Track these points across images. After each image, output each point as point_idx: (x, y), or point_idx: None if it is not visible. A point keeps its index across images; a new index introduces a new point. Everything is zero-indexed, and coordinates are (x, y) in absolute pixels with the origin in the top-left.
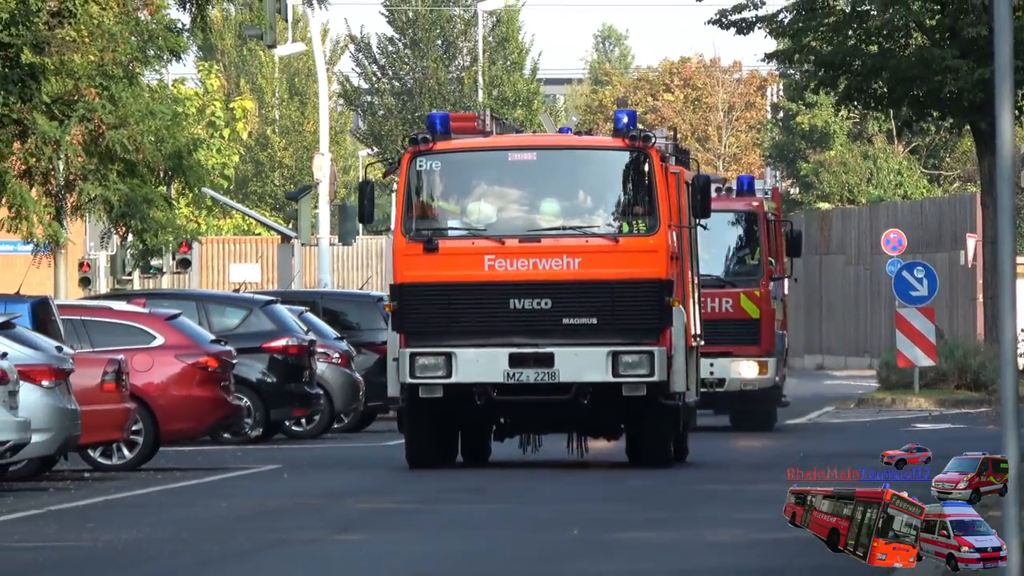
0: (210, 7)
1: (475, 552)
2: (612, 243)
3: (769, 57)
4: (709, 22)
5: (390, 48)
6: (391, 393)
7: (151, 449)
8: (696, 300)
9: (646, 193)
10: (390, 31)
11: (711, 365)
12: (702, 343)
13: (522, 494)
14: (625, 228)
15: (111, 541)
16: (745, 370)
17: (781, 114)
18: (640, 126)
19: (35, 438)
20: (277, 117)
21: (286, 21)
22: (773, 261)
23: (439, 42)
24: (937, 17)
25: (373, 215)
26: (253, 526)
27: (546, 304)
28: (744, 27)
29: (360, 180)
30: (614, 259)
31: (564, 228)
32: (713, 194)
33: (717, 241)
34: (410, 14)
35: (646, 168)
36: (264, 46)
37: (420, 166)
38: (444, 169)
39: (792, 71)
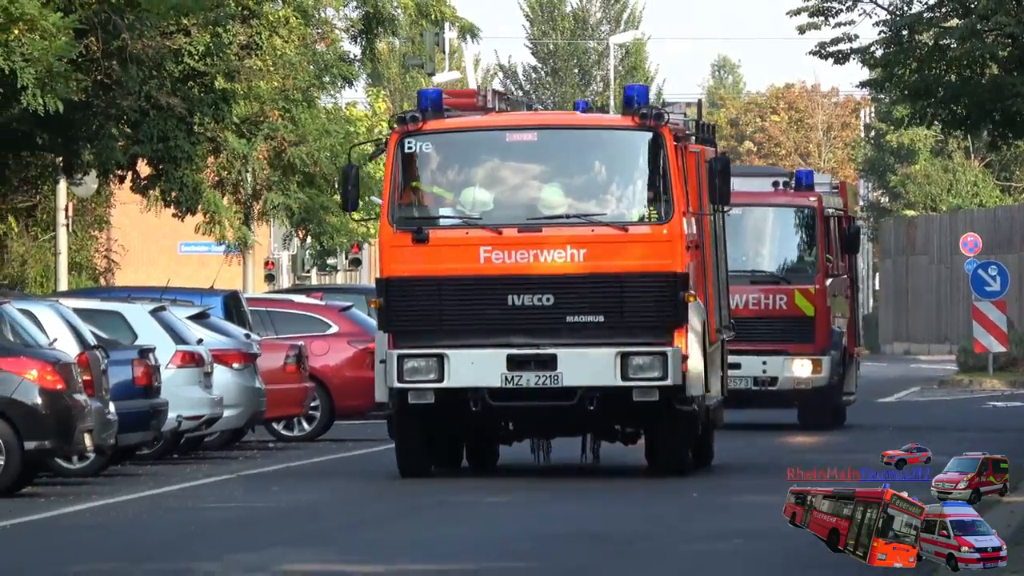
0: (378, 40)
1: (608, 513)
2: (621, 232)
3: (863, 85)
4: (810, 53)
5: (533, 75)
6: (379, 398)
7: (327, 423)
8: (722, 292)
9: (658, 177)
10: (533, 61)
11: (763, 363)
12: (731, 336)
13: (633, 469)
14: (635, 216)
15: (293, 502)
16: (798, 368)
17: (873, 133)
18: (653, 103)
19: (226, 413)
20: None
21: (443, 53)
22: (831, 258)
23: (576, 71)
24: (1009, 49)
25: (357, 202)
26: (416, 489)
27: (548, 300)
28: (840, 58)
29: (345, 164)
30: (623, 250)
31: (568, 216)
32: (770, 188)
33: (773, 236)
34: (551, 46)
35: (658, 149)
36: (424, 74)
37: (409, 148)
38: (435, 151)
39: (882, 96)
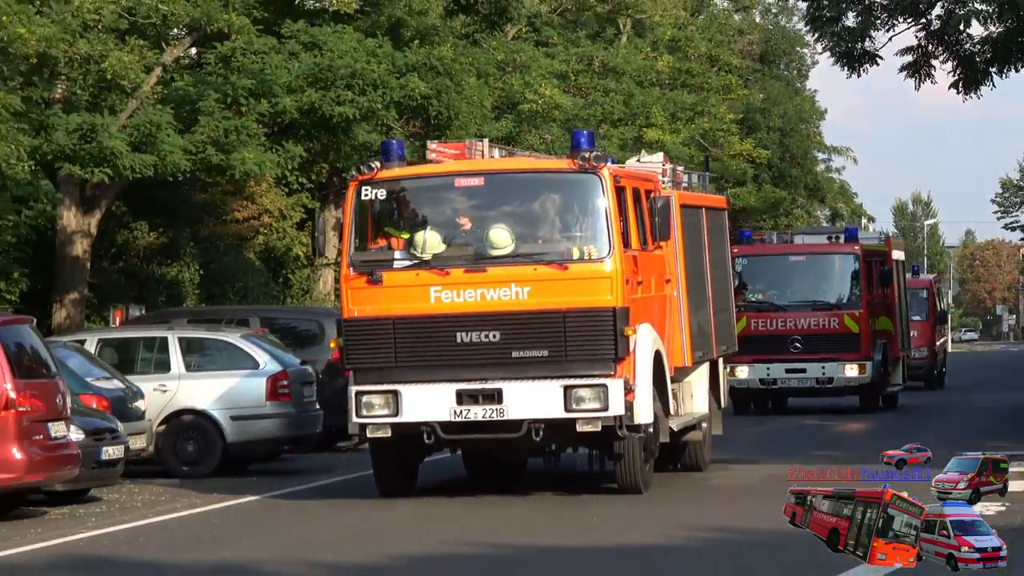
0: None
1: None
2: (562, 270)
3: None
4: None
5: None
6: (350, 431)
7: None
8: (720, 315)
9: (597, 217)
10: None
11: (823, 368)
12: (732, 351)
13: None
14: (576, 254)
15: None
16: (848, 371)
17: None
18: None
19: None
20: None
21: None
22: (872, 290)
23: None
24: None
25: (324, 248)
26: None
27: (494, 336)
28: None
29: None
30: (564, 287)
31: (512, 256)
32: (826, 241)
33: (827, 275)
34: None
35: (597, 190)
36: None
37: (365, 195)
38: (389, 197)
39: None
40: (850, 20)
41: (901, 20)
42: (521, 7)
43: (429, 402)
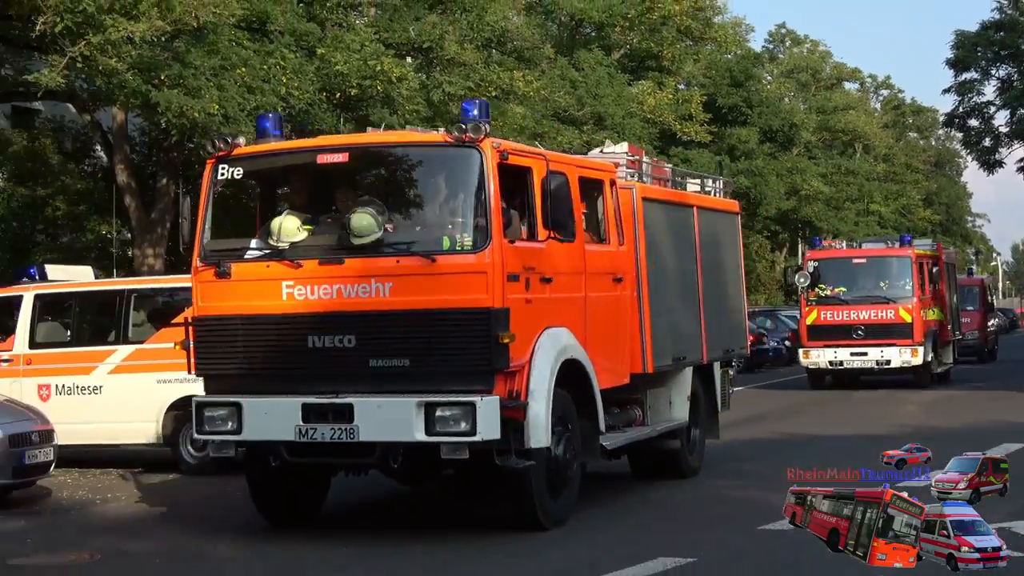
0: None
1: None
2: (428, 263)
3: None
4: None
5: None
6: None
7: None
8: (708, 316)
9: (474, 200)
10: None
11: (881, 352)
12: (736, 354)
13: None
14: (446, 244)
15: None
16: (904, 354)
17: None
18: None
19: None
20: None
21: None
22: (923, 286)
23: None
24: None
25: (190, 240)
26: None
27: (349, 342)
28: None
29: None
30: (432, 284)
31: (373, 246)
32: (883, 246)
33: (885, 274)
34: None
35: (474, 168)
36: None
37: (221, 174)
38: (246, 177)
39: None
40: (987, 142)
41: (1016, 142)
42: (801, 139)
43: (273, 418)
